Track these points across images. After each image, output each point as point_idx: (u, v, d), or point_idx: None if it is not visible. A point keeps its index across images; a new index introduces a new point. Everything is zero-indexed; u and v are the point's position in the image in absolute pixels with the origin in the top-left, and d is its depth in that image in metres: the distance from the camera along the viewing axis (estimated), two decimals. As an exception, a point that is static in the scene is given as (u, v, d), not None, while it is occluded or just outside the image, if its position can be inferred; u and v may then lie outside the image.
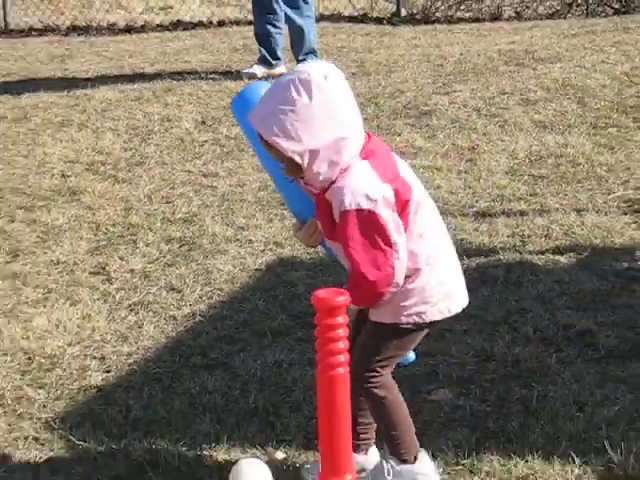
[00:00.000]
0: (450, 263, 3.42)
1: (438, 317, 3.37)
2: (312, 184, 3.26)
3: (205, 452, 3.68)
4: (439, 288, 3.34)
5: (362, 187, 3.19)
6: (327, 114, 3.17)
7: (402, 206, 3.25)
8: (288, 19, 9.26)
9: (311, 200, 3.33)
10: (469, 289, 3.45)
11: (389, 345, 3.39)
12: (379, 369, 3.40)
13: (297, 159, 3.18)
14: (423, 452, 3.48)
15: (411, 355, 3.56)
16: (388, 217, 3.20)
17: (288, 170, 3.26)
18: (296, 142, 3.16)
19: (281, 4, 9.20)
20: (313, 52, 9.34)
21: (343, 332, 2.90)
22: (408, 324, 3.34)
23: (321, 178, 3.22)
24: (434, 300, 3.34)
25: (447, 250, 3.42)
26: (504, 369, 4.18)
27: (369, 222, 3.19)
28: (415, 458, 3.45)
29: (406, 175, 3.31)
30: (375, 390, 3.40)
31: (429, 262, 3.32)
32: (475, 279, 4.92)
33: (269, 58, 9.37)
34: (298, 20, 9.21)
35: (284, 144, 3.16)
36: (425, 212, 3.33)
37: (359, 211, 3.18)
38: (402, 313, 3.32)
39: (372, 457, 3.58)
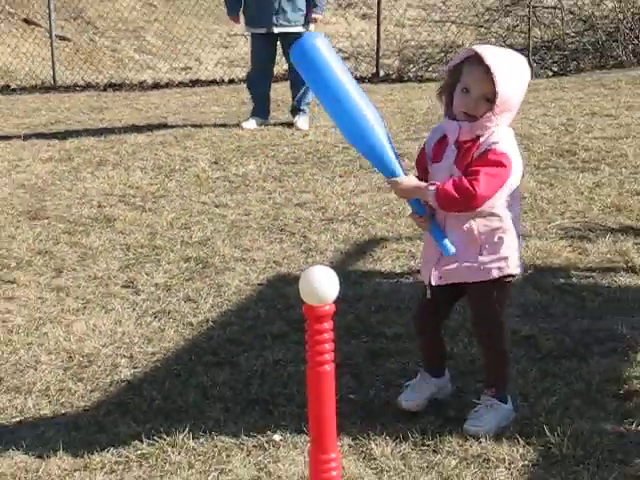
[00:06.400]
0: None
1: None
2: (474, 129, 3.42)
3: (215, 435, 3.66)
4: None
5: (511, 146, 3.44)
6: (525, 86, 3.45)
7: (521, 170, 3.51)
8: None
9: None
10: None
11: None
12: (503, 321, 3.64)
13: (499, 97, 3.35)
14: None
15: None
16: (512, 175, 3.43)
17: (475, 106, 3.41)
18: (506, 85, 3.34)
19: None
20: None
21: (328, 336, 2.88)
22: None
23: (490, 124, 3.39)
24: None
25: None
26: (463, 366, 4.17)
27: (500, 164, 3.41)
28: None
29: None
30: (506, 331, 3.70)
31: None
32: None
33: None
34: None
35: (501, 79, 3.33)
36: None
37: (502, 154, 3.39)
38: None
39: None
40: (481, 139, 3.42)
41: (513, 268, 3.55)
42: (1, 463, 3.54)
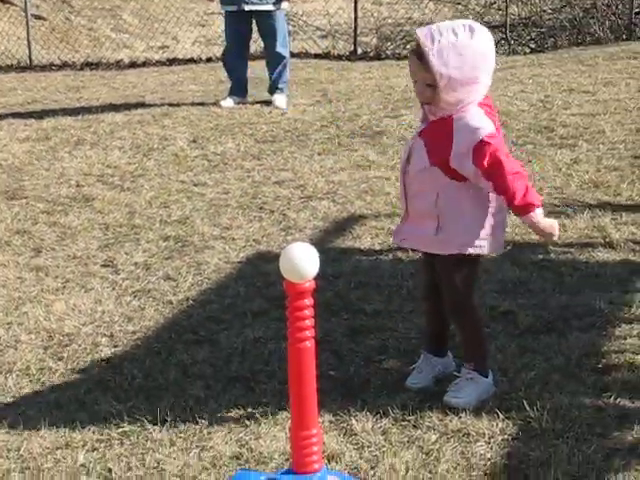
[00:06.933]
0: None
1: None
2: (434, 111, 3.41)
3: (196, 412, 3.67)
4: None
5: (485, 121, 3.38)
6: (478, 57, 3.33)
7: None
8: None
9: None
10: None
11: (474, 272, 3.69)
12: (472, 295, 3.67)
13: (438, 80, 3.30)
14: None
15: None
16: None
17: (421, 93, 3.40)
18: (444, 66, 3.28)
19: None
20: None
21: (309, 312, 2.89)
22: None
23: (446, 105, 3.35)
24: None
25: None
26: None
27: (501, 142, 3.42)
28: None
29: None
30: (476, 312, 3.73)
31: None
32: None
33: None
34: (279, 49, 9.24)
35: (435, 62, 3.28)
36: None
37: (492, 136, 3.36)
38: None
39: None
40: (454, 116, 3.39)
41: (476, 248, 3.54)
42: (-18, 442, 3.54)
